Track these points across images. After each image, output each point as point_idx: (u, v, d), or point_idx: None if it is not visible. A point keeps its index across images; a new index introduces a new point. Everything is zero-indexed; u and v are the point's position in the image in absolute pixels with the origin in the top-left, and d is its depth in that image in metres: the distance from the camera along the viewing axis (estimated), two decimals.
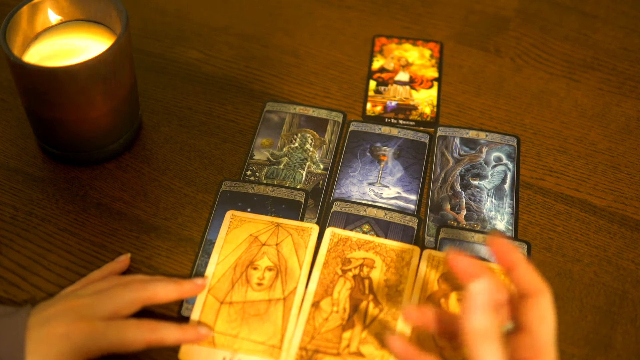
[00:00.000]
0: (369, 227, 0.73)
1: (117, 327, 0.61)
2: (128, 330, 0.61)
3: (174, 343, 0.63)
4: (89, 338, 0.59)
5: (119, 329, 0.61)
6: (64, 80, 0.68)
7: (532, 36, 0.91)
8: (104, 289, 0.63)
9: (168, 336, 0.62)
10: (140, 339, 0.61)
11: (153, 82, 0.85)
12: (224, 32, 0.90)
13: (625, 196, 0.77)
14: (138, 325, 0.61)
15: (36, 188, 0.75)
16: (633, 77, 0.87)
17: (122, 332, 0.60)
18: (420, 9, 0.94)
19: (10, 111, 0.82)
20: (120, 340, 0.60)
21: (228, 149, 0.79)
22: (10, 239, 0.72)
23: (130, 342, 0.60)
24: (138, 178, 0.77)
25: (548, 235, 0.73)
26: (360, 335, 0.66)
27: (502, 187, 0.77)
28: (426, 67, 0.87)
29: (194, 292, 0.67)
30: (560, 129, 0.82)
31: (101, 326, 0.60)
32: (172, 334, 0.62)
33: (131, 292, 0.63)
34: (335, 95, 0.85)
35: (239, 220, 0.73)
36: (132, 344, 0.61)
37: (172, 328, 0.63)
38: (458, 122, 0.82)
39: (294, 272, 0.69)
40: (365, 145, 0.80)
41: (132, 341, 0.60)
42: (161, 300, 0.64)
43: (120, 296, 0.62)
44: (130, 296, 0.62)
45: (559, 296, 0.69)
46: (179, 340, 0.64)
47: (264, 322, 0.67)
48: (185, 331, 0.64)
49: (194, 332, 0.64)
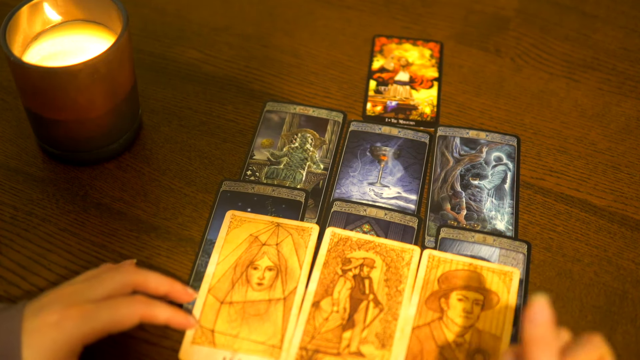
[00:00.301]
0: (369, 227, 0.73)
1: (108, 305, 0.59)
2: (120, 306, 0.60)
3: (164, 321, 0.62)
4: (81, 322, 0.58)
5: (111, 306, 0.59)
6: (64, 80, 0.68)
7: (532, 36, 0.91)
8: (95, 274, 0.63)
9: (160, 313, 0.61)
10: (133, 313, 0.60)
11: (153, 82, 0.85)
12: (224, 32, 0.90)
13: (625, 196, 0.77)
14: (130, 301, 0.60)
15: (36, 188, 0.75)
16: (633, 77, 0.87)
17: (115, 309, 0.59)
18: (420, 9, 0.94)
19: (10, 111, 0.82)
20: (113, 318, 0.59)
21: (228, 149, 0.79)
22: (10, 239, 0.72)
23: (124, 317, 0.59)
24: (138, 178, 0.77)
25: (548, 235, 0.73)
26: (360, 335, 0.66)
27: (502, 187, 0.77)
28: (426, 67, 0.87)
29: (183, 294, 0.66)
30: (561, 128, 0.82)
31: (92, 307, 0.59)
32: (164, 312, 0.62)
33: (122, 274, 0.62)
34: (335, 95, 0.85)
35: (239, 220, 0.73)
36: (126, 319, 0.59)
37: (164, 306, 0.62)
38: (458, 122, 0.82)
39: (294, 272, 0.69)
40: (366, 145, 0.80)
41: (126, 316, 0.59)
42: (152, 289, 0.63)
43: (111, 279, 0.61)
44: (121, 278, 0.62)
45: (559, 296, 0.69)
46: (169, 320, 0.62)
47: (264, 322, 0.67)
48: (176, 313, 0.63)
49: (184, 317, 0.64)
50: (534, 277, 0.70)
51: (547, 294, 0.69)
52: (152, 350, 0.65)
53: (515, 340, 0.66)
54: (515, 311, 0.67)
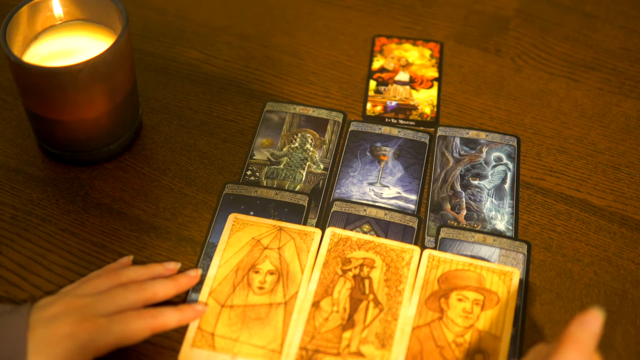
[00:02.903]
0: (369, 227, 0.73)
1: (119, 320, 0.61)
2: (131, 321, 0.61)
3: (176, 325, 0.64)
4: (95, 335, 0.60)
5: (122, 322, 0.61)
6: (64, 80, 0.68)
7: (532, 36, 0.91)
8: (104, 289, 0.64)
9: (169, 320, 0.63)
10: (144, 327, 0.62)
11: (153, 82, 0.85)
12: (224, 32, 0.90)
13: (625, 196, 0.77)
14: (139, 315, 0.62)
15: (36, 188, 0.75)
16: (633, 77, 0.87)
17: (126, 324, 0.61)
18: (420, 9, 0.94)
19: (10, 111, 0.82)
20: (124, 333, 0.61)
21: (228, 149, 0.79)
22: (10, 239, 0.72)
23: (135, 332, 0.61)
24: (138, 178, 0.77)
25: (548, 235, 0.73)
26: (360, 335, 0.66)
27: (502, 187, 0.77)
28: (426, 67, 0.87)
29: (190, 284, 0.68)
30: (561, 129, 0.82)
31: (105, 322, 0.61)
32: (173, 317, 0.64)
33: (132, 293, 0.64)
34: (335, 95, 0.85)
35: (242, 224, 0.73)
36: (137, 333, 0.61)
37: (171, 311, 0.64)
38: (458, 122, 0.82)
39: (296, 277, 0.69)
40: (366, 145, 0.80)
41: (137, 331, 0.61)
42: (161, 298, 0.65)
43: (122, 297, 0.63)
44: (132, 297, 0.63)
45: (559, 296, 0.69)
46: (180, 322, 0.65)
47: (265, 326, 0.66)
48: (183, 312, 0.65)
49: (192, 310, 0.66)
50: (534, 277, 0.70)
51: (545, 293, 0.69)
52: (152, 350, 0.65)
53: (515, 340, 0.66)
54: (515, 311, 0.67)
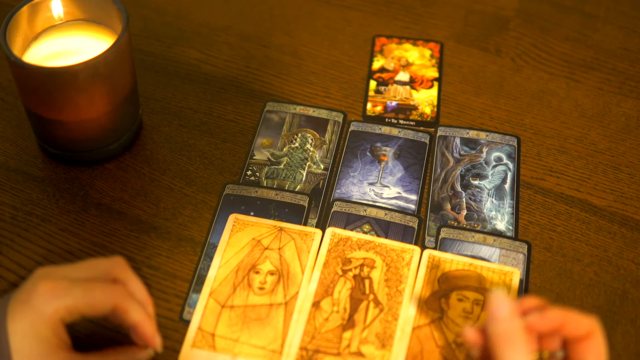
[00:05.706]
0: (369, 227, 0.73)
1: (84, 286, 0.58)
2: (96, 290, 0.58)
3: (133, 322, 0.59)
4: (52, 297, 0.57)
5: (86, 288, 0.58)
6: (64, 80, 0.68)
7: (532, 36, 0.91)
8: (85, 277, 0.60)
9: (134, 312, 0.59)
10: (108, 300, 0.58)
11: (153, 82, 0.85)
12: (224, 32, 0.90)
13: (625, 196, 0.77)
14: (108, 287, 0.58)
15: (36, 188, 0.75)
16: (633, 77, 0.87)
17: (90, 291, 0.57)
18: (420, 9, 0.94)
19: (10, 111, 0.82)
20: (86, 299, 0.57)
21: (228, 149, 0.79)
22: (10, 239, 0.72)
23: (97, 301, 0.57)
24: (138, 178, 0.77)
25: (548, 235, 0.73)
26: (360, 335, 0.66)
27: (503, 187, 0.77)
28: (426, 67, 0.87)
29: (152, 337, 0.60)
30: (561, 129, 0.82)
31: (66, 284, 0.57)
32: (138, 313, 0.59)
33: (109, 262, 0.60)
34: (335, 95, 0.85)
35: (242, 224, 0.73)
36: (98, 304, 0.57)
37: (140, 310, 0.59)
38: (458, 122, 0.82)
39: (296, 277, 0.69)
40: (366, 145, 0.80)
41: (99, 301, 0.57)
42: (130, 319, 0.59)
43: (96, 265, 0.60)
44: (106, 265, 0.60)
45: (559, 296, 0.69)
46: (138, 324, 0.59)
47: (265, 326, 0.66)
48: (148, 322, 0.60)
49: (152, 332, 0.60)
50: (534, 277, 0.70)
51: (545, 293, 0.69)
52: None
53: None
54: None
